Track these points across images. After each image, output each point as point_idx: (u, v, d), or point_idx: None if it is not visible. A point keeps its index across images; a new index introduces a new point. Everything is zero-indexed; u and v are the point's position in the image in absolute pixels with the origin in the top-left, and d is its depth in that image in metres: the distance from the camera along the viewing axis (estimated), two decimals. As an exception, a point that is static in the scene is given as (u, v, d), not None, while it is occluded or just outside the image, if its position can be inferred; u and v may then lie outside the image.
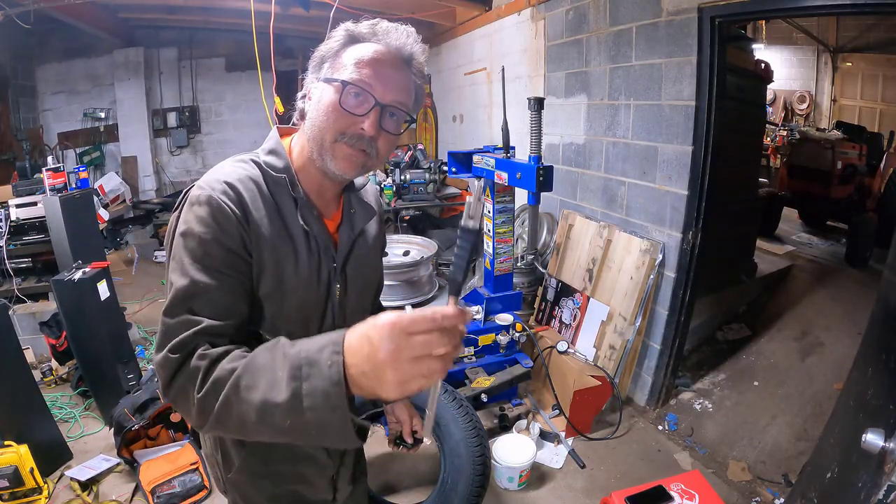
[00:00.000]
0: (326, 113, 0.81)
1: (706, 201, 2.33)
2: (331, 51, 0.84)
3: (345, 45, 0.84)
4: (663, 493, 1.55)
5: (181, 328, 0.71)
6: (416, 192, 4.24)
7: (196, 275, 0.74)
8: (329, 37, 0.85)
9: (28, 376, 2.27)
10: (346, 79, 0.80)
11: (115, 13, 5.11)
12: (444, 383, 1.79)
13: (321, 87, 0.83)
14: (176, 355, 0.70)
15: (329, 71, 0.83)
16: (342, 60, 0.82)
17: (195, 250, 0.76)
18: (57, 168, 3.19)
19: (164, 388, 0.72)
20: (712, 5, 2.12)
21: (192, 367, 0.68)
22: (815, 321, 3.48)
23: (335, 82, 0.81)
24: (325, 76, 0.83)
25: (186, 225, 0.77)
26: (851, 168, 5.24)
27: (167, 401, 0.83)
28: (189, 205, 0.78)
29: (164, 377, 0.71)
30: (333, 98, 0.80)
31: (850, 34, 8.25)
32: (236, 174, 0.82)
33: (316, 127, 0.82)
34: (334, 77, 0.81)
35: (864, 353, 1.28)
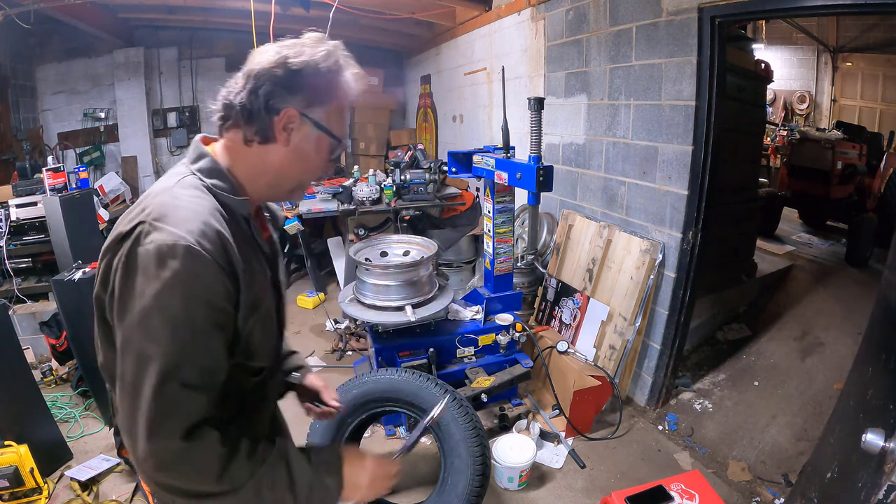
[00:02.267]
0: (313, 169, 0.83)
1: (706, 201, 2.33)
2: (329, 90, 0.81)
3: (339, 80, 0.82)
4: (663, 493, 1.55)
5: (181, 408, 0.68)
6: (416, 192, 4.24)
7: (179, 344, 0.67)
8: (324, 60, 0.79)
9: (28, 376, 2.27)
10: (339, 136, 0.82)
11: (115, 13, 5.10)
12: (442, 382, 1.80)
13: (311, 136, 0.80)
14: (187, 443, 0.68)
15: (322, 115, 0.80)
16: (333, 107, 0.81)
17: (177, 316, 0.67)
18: (57, 168, 3.19)
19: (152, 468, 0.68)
20: (712, 5, 2.12)
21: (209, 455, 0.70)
22: (815, 321, 3.48)
23: (330, 137, 0.82)
24: (316, 119, 0.80)
25: (178, 285, 0.66)
26: (851, 168, 5.24)
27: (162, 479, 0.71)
28: (158, 257, 0.66)
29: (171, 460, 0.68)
30: (324, 156, 0.82)
31: (850, 34, 8.25)
32: (203, 208, 0.73)
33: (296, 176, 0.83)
34: (329, 129, 0.81)
35: (864, 353, 1.28)
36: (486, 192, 2.50)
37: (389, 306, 2.32)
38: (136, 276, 0.67)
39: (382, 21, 4.76)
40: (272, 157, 0.80)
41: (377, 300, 2.34)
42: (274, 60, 0.76)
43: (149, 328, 0.66)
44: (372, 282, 2.35)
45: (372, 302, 2.34)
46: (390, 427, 2.51)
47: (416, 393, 1.85)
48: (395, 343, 2.41)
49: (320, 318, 3.79)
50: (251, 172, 0.81)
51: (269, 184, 0.82)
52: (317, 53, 0.79)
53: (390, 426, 2.51)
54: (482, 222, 2.79)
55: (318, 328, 3.69)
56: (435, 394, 1.84)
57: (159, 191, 0.76)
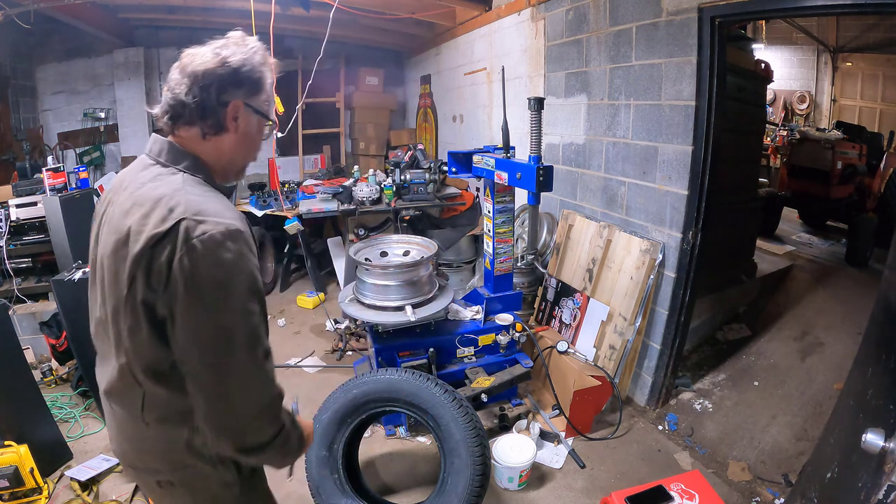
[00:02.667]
0: (256, 148, 0.98)
1: (706, 201, 2.33)
2: (262, 81, 0.93)
3: (265, 72, 0.94)
4: (663, 493, 1.55)
5: (267, 366, 0.85)
6: (416, 192, 4.24)
7: (255, 307, 0.82)
8: (253, 57, 0.91)
9: (28, 376, 2.27)
10: (273, 119, 0.98)
11: (115, 13, 5.10)
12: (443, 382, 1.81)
13: (253, 121, 0.94)
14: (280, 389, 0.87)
15: (258, 102, 0.94)
16: (266, 94, 0.95)
17: (253, 281, 0.82)
18: (57, 168, 3.19)
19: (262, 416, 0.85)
20: (712, 5, 2.12)
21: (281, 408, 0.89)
22: (815, 321, 3.48)
23: (268, 122, 0.98)
24: (255, 107, 0.94)
25: (241, 260, 0.80)
26: (851, 168, 5.24)
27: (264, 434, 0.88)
28: (219, 243, 0.78)
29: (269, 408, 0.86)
30: (262, 136, 0.98)
31: (850, 34, 8.25)
32: (223, 200, 0.88)
33: (244, 156, 0.97)
34: (266, 113, 0.96)
35: (864, 353, 1.28)
36: (486, 192, 2.51)
37: (389, 306, 2.32)
38: (205, 258, 0.76)
39: (382, 21, 4.76)
40: (225, 145, 0.93)
41: (377, 300, 2.34)
42: (215, 61, 0.87)
43: (234, 296, 0.78)
44: (372, 282, 2.35)
45: (372, 302, 2.34)
46: (390, 427, 2.51)
47: (416, 393, 1.86)
48: (395, 343, 2.41)
49: (320, 318, 3.79)
50: (211, 160, 0.93)
51: (224, 168, 0.95)
52: (248, 51, 0.91)
53: (390, 426, 2.51)
54: (482, 222, 2.79)
55: (318, 328, 3.70)
56: (435, 394, 1.84)
57: (171, 192, 0.83)
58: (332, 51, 5.02)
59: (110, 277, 0.84)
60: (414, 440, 2.47)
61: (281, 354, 3.28)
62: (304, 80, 5.70)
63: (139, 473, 0.99)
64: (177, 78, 0.88)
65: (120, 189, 0.90)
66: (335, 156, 6.60)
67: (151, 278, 0.78)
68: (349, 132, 6.54)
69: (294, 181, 4.72)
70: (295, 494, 2.13)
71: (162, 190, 0.84)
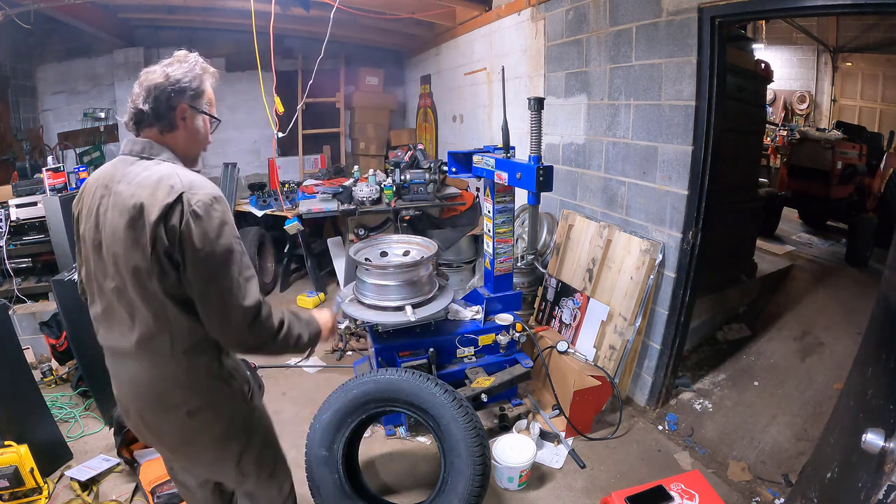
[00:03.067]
0: (205, 140, 1.27)
1: (706, 201, 2.33)
2: (201, 88, 1.21)
3: (204, 81, 1.22)
4: (663, 493, 1.55)
5: (254, 279, 1.16)
6: (416, 192, 4.24)
7: (237, 245, 1.14)
8: (193, 69, 1.19)
9: (28, 376, 2.27)
10: (217, 117, 1.28)
11: (115, 13, 5.10)
12: (443, 382, 1.81)
13: (198, 119, 1.22)
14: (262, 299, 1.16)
15: (201, 104, 1.22)
16: (208, 98, 1.24)
17: (234, 229, 1.14)
18: (57, 168, 3.19)
19: (260, 319, 1.14)
20: (712, 5, 2.12)
21: (274, 312, 1.18)
22: (815, 321, 3.48)
23: (214, 120, 1.27)
24: (203, 109, 1.22)
25: (224, 215, 1.12)
26: (851, 168, 5.24)
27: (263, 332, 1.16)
28: (210, 204, 1.09)
29: (258, 311, 1.13)
30: (209, 130, 1.27)
31: (850, 34, 8.25)
32: (203, 177, 1.17)
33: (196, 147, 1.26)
34: (211, 115, 1.26)
35: (864, 353, 1.28)
36: (486, 192, 2.51)
37: (389, 306, 2.32)
38: (202, 218, 1.07)
39: (382, 21, 4.76)
40: (179, 139, 1.21)
41: (377, 300, 2.34)
42: (163, 77, 1.16)
43: (224, 240, 1.09)
44: (372, 282, 2.35)
45: (372, 302, 2.34)
46: (390, 427, 2.51)
47: (416, 393, 1.86)
48: (395, 343, 2.41)
49: (320, 318, 3.79)
50: (177, 151, 1.21)
51: (184, 155, 1.22)
52: (188, 66, 1.19)
53: (390, 426, 2.51)
54: (482, 222, 2.79)
55: (318, 328, 3.69)
56: (435, 394, 1.84)
57: (167, 174, 1.10)
58: (332, 51, 5.02)
59: (129, 244, 1.08)
60: (414, 440, 2.47)
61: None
62: (305, 80, 5.71)
63: (168, 413, 1.19)
64: (136, 91, 1.17)
65: (112, 182, 1.13)
66: (335, 156, 6.60)
67: (168, 235, 1.06)
68: (349, 132, 6.54)
69: (294, 181, 4.72)
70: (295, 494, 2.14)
71: (159, 174, 1.10)
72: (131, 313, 1.14)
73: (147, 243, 1.06)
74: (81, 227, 1.18)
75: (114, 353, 1.23)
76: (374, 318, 2.32)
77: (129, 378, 1.22)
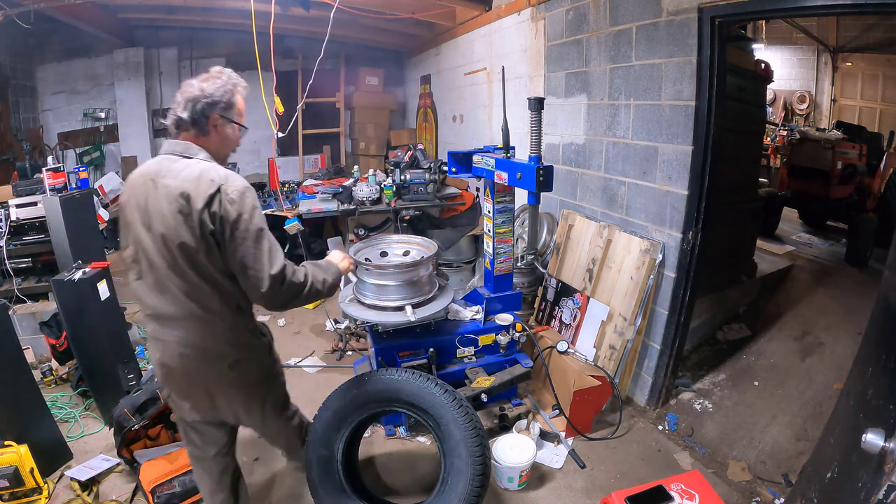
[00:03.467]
0: (234, 144, 1.54)
1: (706, 201, 2.33)
2: (231, 101, 1.46)
3: (235, 94, 1.47)
4: (663, 493, 1.55)
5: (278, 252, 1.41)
6: (416, 192, 4.24)
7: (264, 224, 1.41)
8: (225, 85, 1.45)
9: (28, 376, 2.27)
10: (243, 124, 1.52)
11: (115, 13, 5.10)
12: (443, 382, 1.81)
13: (228, 126, 1.48)
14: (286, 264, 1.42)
15: (231, 114, 1.47)
16: (237, 109, 1.49)
17: (261, 212, 1.41)
18: (57, 168, 3.19)
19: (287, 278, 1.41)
20: (712, 5, 2.13)
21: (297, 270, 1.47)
22: (815, 321, 3.48)
23: (242, 128, 1.53)
24: (232, 119, 1.48)
25: (254, 201, 1.40)
26: (851, 168, 5.24)
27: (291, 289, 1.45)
28: (243, 193, 1.36)
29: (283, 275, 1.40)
30: (238, 136, 1.53)
31: (850, 34, 8.25)
32: (233, 172, 1.43)
33: (225, 150, 1.52)
34: (240, 123, 1.51)
35: (864, 353, 1.28)
36: (486, 192, 2.50)
37: (389, 306, 2.32)
38: (237, 203, 1.34)
39: (382, 21, 4.76)
40: (212, 143, 1.46)
41: (377, 300, 2.34)
42: (199, 91, 1.41)
43: (255, 220, 1.37)
44: (372, 282, 2.35)
45: (372, 302, 2.34)
46: (390, 427, 2.51)
47: (416, 393, 1.85)
48: (395, 343, 2.41)
49: (320, 318, 3.79)
50: (209, 152, 1.46)
51: (216, 156, 1.47)
52: (221, 82, 1.44)
53: (390, 426, 2.51)
54: (482, 222, 2.79)
55: (317, 328, 3.70)
56: (435, 394, 1.84)
57: (206, 169, 1.37)
58: (332, 51, 5.02)
59: (177, 226, 1.33)
60: (414, 440, 2.47)
61: (281, 354, 3.26)
62: (304, 80, 5.71)
63: (213, 366, 1.46)
64: (178, 100, 1.42)
65: (158, 177, 1.37)
66: (335, 156, 6.60)
67: (211, 219, 1.32)
68: (349, 132, 6.55)
69: (294, 181, 4.73)
70: (295, 495, 2.14)
71: (199, 170, 1.36)
72: (182, 284, 1.38)
73: (196, 226, 1.33)
74: (128, 215, 1.41)
75: (162, 319, 1.43)
76: (374, 318, 2.32)
77: (178, 339, 1.43)
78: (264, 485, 2.21)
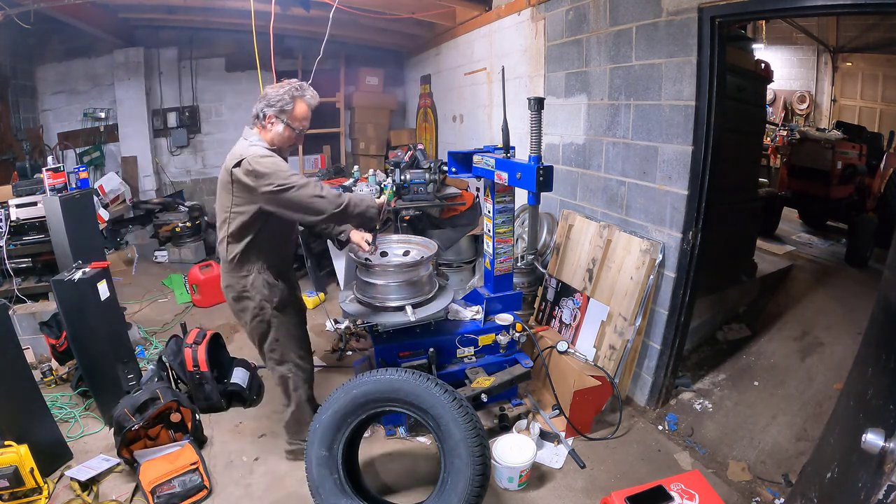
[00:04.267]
0: (287, 141, 2.04)
1: (706, 201, 2.33)
2: (287, 107, 1.97)
3: (293, 101, 1.98)
4: (663, 493, 1.55)
5: (306, 187, 1.87)
6: (416, 192, 4.23)
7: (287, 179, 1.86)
8: (284, 95, 1.96)
9: (28, 376, 2.27)
10: (294, 127, 2.01)
11: (115, 13, 5.10)
12: (443, 382, 1.81)
13: (281, 126, 1.99)
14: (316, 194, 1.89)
15: (286, 117, 1.98)
16: (294, 114, 2.00)
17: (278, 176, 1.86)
18: (57, 168, 3.18)
19: (326, 193, 1.90)
20: (712, 5, 2.13)
21: (335, 193, 1.94)
22: (815, 321, 3.48)
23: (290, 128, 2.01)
24: (282, 119, 1.98)
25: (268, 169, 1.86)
26: (851, 168, 5.24)
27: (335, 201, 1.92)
28: (259, 160, 1.86)
29: (328, 189, 1.92)
30: (290, 135, 2.02)
31: (850, 34, 8.25)
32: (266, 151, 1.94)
33: (280, 142, 2.02)
34: (289, 123, 2.00)
35: (864, 353, 1.28)
36: (486, 192, 2.50)
37: (389, 306, 2.32)
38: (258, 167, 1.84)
39: (382, 21, 4.76)
40: (267, 136, 2.00)
41: (377, 300, 2.34)
42: (265, 94, 1.97)
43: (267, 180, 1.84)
44: (372, 282, 2.35)
45: (372, 302, 2.34)
46: (390, 427, 2.51)
47: (416, 393, 1.85)
48: (395, 343, 2.41)
49: (320, 318, 3.79)
50: (265, 140, 1.99)
51: (276, 145, 2.01)
52: (282, 91, 1.96)
53: (390, 426, 2.51)
54: (482, 222, 2.79)
55: (318, 328, 3.69)
56: (435, 394, 1.84)
57: (244, 148, 1.92)
58: (332, 51, 5.02)
59: (221, 187, 1.97)
60: (414, 440, 2.47)
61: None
62: (304, 79, 5.69)
63: (227, 295, 2.10)
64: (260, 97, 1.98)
65: (230, 152, 1.94)
66: (335, 156, 6.60)
67: (233, 179, 1.89)
68: (349, 132, 6.55)
69: (294, 181, 4.71)
70: (295, 495, 2.14)
71: (241, 148, 1.93)
72: (218, 233, 2.02)
73: (229, 184, 1.90)
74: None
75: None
76: (374, 318, 2.32)
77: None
78: (264, 485, 2.21)
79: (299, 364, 2.19)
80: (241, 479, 2.24)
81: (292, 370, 2.18)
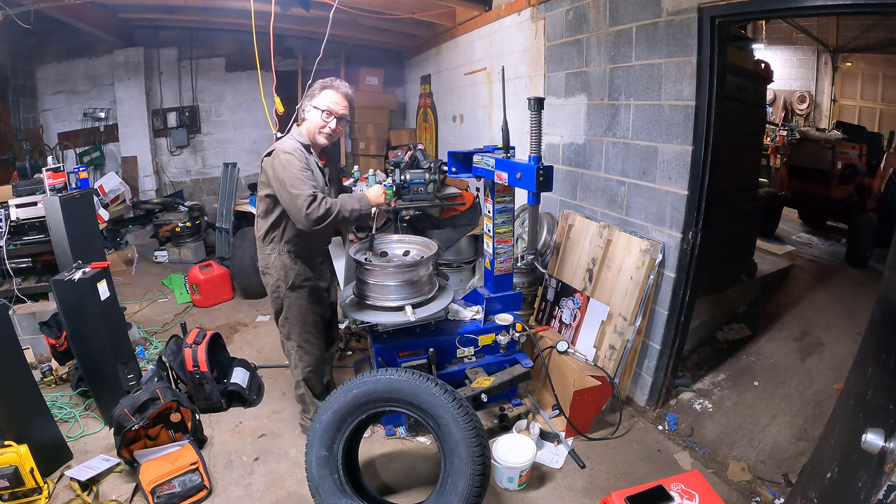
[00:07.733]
0: (320, 129, 2.17)
1: (706, 201, 2.33)
2: (317, 98, 2.14)
3: (325, 88, 2.15)
4: (663, 493, 1.55)
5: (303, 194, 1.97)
6: (415, 192, 4.23)
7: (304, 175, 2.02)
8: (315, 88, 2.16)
9: (28, 376, 2.27)
10: (322, 108, 2.14)
11: (115, 13, 5.10)
12: (443, 382, 1.81)
13: (316, 114, 2.15)
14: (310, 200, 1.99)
15: (319, 103, 2.14)
16: (321, 104, 2.14)
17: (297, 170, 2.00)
18: (57, 168, 3.18)
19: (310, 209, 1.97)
20: (712, 5, 2.13)
21: (324, 201, 2.01)
22: (815, 321, 3.48)
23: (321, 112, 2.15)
24: (314, 105, 2.15)
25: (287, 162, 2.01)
26: (851, 168, 5.24)
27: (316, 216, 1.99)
28: (282, 154, 2.02)
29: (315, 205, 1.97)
30: (322, 122, 2.16)
31: (850, 34, 8.25)
32: (294, 144, 2.08)
33: (315, 131, 2.18)
34: (319, 107, 2.14)
35: (864, 353, 1.28)
36: (486, 192, 2.51)
37: (389, 306, 2.32)
38: (275, 161, 2.03)
39: (382, 21, 4.76)
40: (306, 125, 2.19)
41: (377, 300, 2.34)
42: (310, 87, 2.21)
43: (285, 172, 2.00)
44: (372, 282, 2.35)
45: (372, 302, 2.34)
46: (390, 427, 2.51)
47: (416, 393, 1.85)
48: (395, 343, 2.41)
49: (320, 318, 3.79)
50: (305, 131, 2.19)
51: (310, 136, 2.18)
52: (318, 83, 2.16)
53: (390, 426, 2.51)
54: (482, 222, 2.79)
55: (318, 328, 3.69)
56: (435, 394, 1.84)
57: (279, 142, 2.10)
58: (332, 51, 5.02)
59: (260, 176, 2.16)
60: (414, 440, 2.47)
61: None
62: (304, 80, 5.70)
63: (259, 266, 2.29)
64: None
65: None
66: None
67: (264, 168, 2.09)
68: (349, 132, 6.54)
69: (294, 181, 4.71)
70: (295, 495, 2.14)
71: (280, 141, 2.12)
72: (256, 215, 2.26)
73: (261, 173, 2.12)
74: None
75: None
76: (374, 318, 2.32)
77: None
78: (264, 485, 2.21)
79: (302, 346, 2.31)
80: (241, 479, 2.24)
81: (294, 349, 2.33)
